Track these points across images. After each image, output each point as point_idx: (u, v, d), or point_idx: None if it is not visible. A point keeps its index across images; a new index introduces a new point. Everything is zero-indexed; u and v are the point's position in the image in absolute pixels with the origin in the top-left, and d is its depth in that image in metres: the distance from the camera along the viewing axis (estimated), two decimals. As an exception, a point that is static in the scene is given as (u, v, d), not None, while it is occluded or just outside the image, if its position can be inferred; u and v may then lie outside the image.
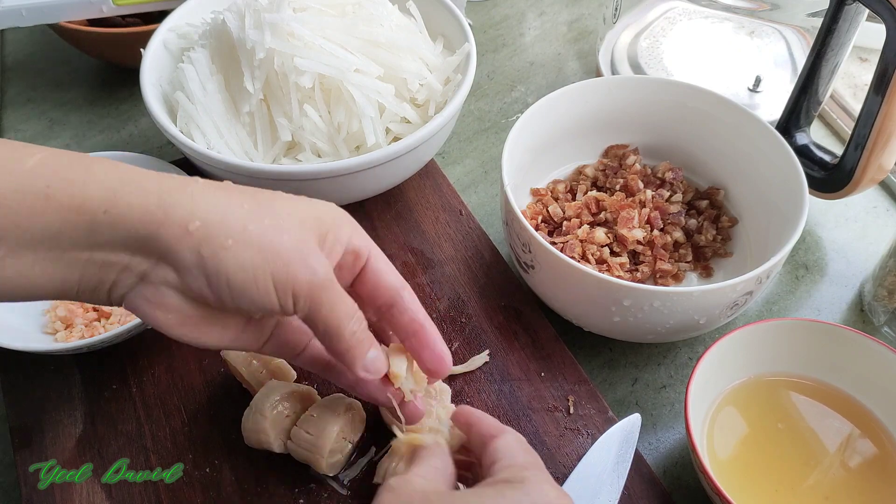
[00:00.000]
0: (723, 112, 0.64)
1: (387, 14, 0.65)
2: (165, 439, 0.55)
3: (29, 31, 0.89)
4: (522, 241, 0.56)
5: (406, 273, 0.64)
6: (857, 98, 0.78)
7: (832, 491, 0.50)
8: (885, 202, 0.72)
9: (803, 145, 0.67)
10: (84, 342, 0.54)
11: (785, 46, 0.76)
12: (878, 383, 0.53)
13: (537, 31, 0.90)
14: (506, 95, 0.83)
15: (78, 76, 0.85)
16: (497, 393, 0.56)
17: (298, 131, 0.62)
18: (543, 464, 0.44)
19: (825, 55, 0.62)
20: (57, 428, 0.55)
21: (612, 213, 0.63)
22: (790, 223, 0.56)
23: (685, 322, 0.54)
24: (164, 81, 0.66)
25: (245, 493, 0.52)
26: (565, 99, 0.64)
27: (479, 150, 0.77)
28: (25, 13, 0.73)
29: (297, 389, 0.53)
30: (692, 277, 0.63)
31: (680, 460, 0.56)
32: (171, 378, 0.58)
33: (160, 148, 0.77)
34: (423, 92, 0.64)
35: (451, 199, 0.69)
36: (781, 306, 0.65)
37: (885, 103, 0.57)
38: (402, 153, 0.59)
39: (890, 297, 0.61)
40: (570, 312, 0.59)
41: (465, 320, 0.61)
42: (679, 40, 0.80)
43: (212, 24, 0.65)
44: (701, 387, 0.51)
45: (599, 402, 0.56)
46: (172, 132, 0.60)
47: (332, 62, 0.60)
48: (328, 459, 0.50)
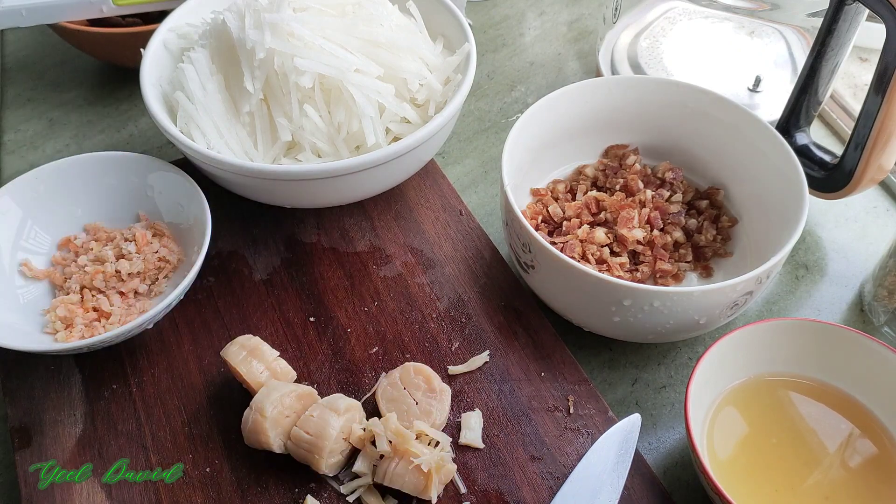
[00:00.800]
0: (723, 112, 0.64)
1: (387, 14, 0.65)
2: (165, 439, 0.55)
3: (29, 31, 0.89)
4: (522, 241, 0.56)
5: (406, 273, 0.64)
6: (857, 98, 0.78)
7: (832, 491, 0.50)
8: (885, 202, 0.72)
9: (803, 145, 0.67)
10: (84, 342, 0.54)
11: (785, 46, 0.76)
12: (878, 383, 0.53)
13: (537, 31, 0.90)
14: (506, 95, 0.83)
15: (78, 76, 0.85)
16: (497, 393, 0.56)
17: (298, 131, 0.62)
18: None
19: (825, 55, 0.62)
20: (57, 428, 0.55)
21: (612, 213, 0.63)
22: (790, 223, 0.56)
23: (685, 322, 0.54)
24: (164, 81, 0.66)
25: (245, 493, 0.52)
26: (565, 99, 0.64)
27: (479, 150, 0.77)
28: (25, 13, 0.73)
29: (297, 389, 0.53)
30: (692, 277, 0.63)
31: (680, 460, 0.56)
32: (171, 378, 0.58)
33: (160, 148, 0.77)
34: (423, 92, 0.64)
35: (451, 199, 0.69)
36: (781, 306, 0.65)
37: (885, 103, 0.57)
38: (402, 153, 0.59)
39: (890, 297, 0.61)
40: (570, 312, 0.59)
41: (465, 320, 0.61)
42: (679, 40, 0.80)
43: (212, 24, 0.65)
44: (701, 387, 0.51)
45: (599, 402, 0.56)
46: (172, 132, 0.60)
47: (332, 62, 0.60)
48: (328, 459, 0.50)
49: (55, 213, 0.64)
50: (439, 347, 0.59)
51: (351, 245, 0.66)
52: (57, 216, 0.64)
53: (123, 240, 0.63)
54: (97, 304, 0.59)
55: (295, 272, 0.64)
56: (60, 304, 0.59)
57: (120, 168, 0.64)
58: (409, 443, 0.50)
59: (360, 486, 0.51)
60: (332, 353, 0.59)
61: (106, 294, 0.60)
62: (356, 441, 0.52)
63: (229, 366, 0.55)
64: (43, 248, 0.63)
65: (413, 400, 0.54)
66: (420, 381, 0.55)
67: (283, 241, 0.66)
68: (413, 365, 0.56)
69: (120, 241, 0.63)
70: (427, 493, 0.50)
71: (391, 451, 0.50)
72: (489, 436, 0.54)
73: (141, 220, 0.65)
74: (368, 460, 0.52)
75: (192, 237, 0.62)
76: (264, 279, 0.64)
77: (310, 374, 0.58)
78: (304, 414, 0.51)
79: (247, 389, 0.55)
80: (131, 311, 0.60)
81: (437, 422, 0.53)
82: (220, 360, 0.57)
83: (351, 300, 0.62)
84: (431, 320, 0.61)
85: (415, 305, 0.62)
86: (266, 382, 0.54)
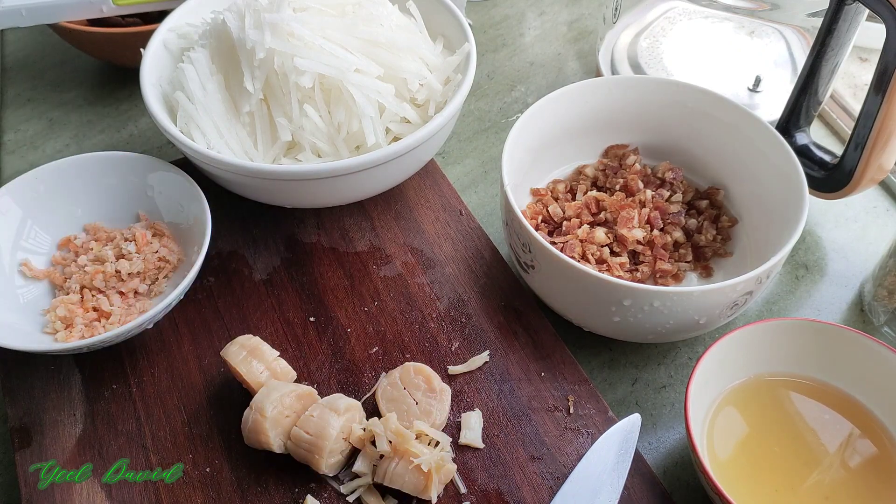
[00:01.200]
0: (723, 112, 0.64)
1: (387, 14, 0.65)
2: (165, 439, 0.55)
3: (29, 31, 0.89)
4: (522, 241, 0.56)
5: (406, 273, 0.64)
6: (857, 98, 0.78)
7: (832, 491, 0.50)
8: (885, 202, 0.72)
9: (803, 145, 0.67)
10: (84, 342, 0.54)
11: (785, 46, 0.76)
12: (878, 383, 0.53)
13: (537, 31, 0.90)
14: (506, 95, 0.83)
15: (78, 76, 0.85)
16: (497, 393, 0.56)
17: (298, 131, 0.62)
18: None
19: (825, 55, 0.62)
20: (57, 428, 0.55)
21: (612, 213, 0.63)
22: (790, 223, 0.56)
23: (685, 322, 0.54)
24: (164, 81, 0.66)
25: (245, 493, 0.52)
26: (565, 99, 0.64)
27: (479, 150, 0.77)
28: (25, 13, 0.73)
29: (297, 389, 0.53)
30: (692, 277, 0.63)
31: (680, 460, 0.56)
32: (171, 378, 0.58)
33: (160, 148, 0.77)
34: (423, 92, 0.64)
35: (451, 199, 0.69)
36: (781, 306, 0.65)
37: (885, 103, 0.57)
38: (402, 153, 0.59)
39: (890, 297, 0.61)
40: (570, 312, 0.59)
41: (465, 320, 0.61)
42: (679, 40, 0.80)
43: (212, 24, 0.65)
44: (701, 387, 0.51)
45: (599, 402, 0.56)
46: (172, 132, 0.60)
47: (332, 62, 0.60)
48: (328, 459, 0.50)
49: (55, 213, 0.64)
50: (439, 347, 0.59)
51: (351, 245, 0.66)
52: (57, 216, 0.64)
53: (123, 240, 0.63)
54: (97, 304, 0.59)
55: (295, 272, 0.64)
56: (60, 304, 0.59)
57: (120, 168, 0.64)
58: (409, 443, 0.50)
59: (360, 486, 0.51)
60: (332, 353, 0.59)
61: (106, 294, 0.60)
62: (356, 441, 0.52)
63: (229, 366, 0.55)
64: (43, 248, 0.63)
65: (413, 400, 0.54)
66: (420, 381, 0.55)
67: (283, 241, 0.66)
68: (413, 365, 0.56)
69: (120, 241, 0.63)
70: (427, 493, 0.50)
71: (391, 451, 0.50)
72: (489, 436, 0.54)
73: (141, 220, 0.65)
74: (368, 460, 0.52)
75: (192, 237, 0.62)
76: (264, 279, 0.64)
77: (310, 374, 0.58)
78: (304, 414, 0.51)
79: (247, 389, 0.55)
80: (131, 311, 0.60)
81: (437, 422, 0.53)
82: (220, 360, 0.57)
83: (351, 300, 0.62)
84: (431, 320, 0.61)
85: (415, 305, 0.62)
86: (266, 382, 0.54)
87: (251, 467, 0.53)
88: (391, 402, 0.54)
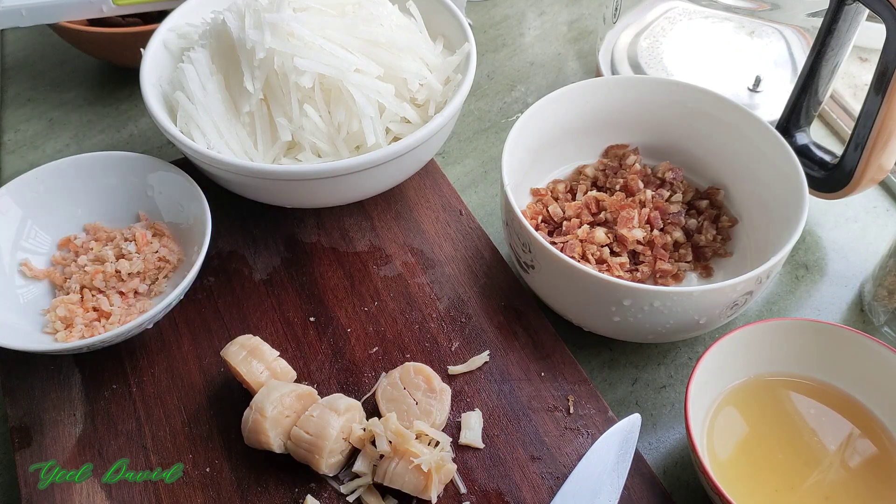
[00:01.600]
0: (723, 112, 0.64)
1: (387, 14, 0.65)
2: (165, 439, 0.55)
3: (29, 31, 0.89)
4: (522, 241, 0.56)
5: (406, 273, 0.64)
6: (857, 98, 0.78)
7: (832, 491, 0.50)
8: (885, 202, 0.72)
9: (803, 145, 0.67)
10: (84, 342, 0.54)
11: (785, 46, 0.76)
12: (878, 383, 0.53)
13: (537, 31, 0.90)
14: (506, 95, 0.83)
15: (78, 76, 0.85)
16: (497, 393, 0.56)
17: (298, 131, 0.62)
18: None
19: (825, 55, 0.62)
20: (57, 428, 0.55)
21: (612, 213, 0.63)
22: (790, 223, 0.56)
23: (685, 322, 0.54)
24: (164, 81, 0.66)
25: (245, 493, 0.52)
26: (565, 99, 0.64)
27: (479, 150, 0.77)
28: (25, 13, 0.73)
29: (297, 389, 0.53)
30: (692, 277, 0.63)
31: (680, 460, 0.56)
32: (171, 378, 0.58)
33: (160, 148, 0.77)
34: (423, 92, 0.64)
35: (451, 199, 0.69)
36: (781, 306, 0.65)
37: (885, 103, 0.57)
38: (402, 153, 0.59)
39: (890, 297, 0.61)
40: (570, 312, 0.59)
41: (465, 320, 0.61)
42: (679, 40, 0.80)
43: (212, 24, 0.65)
44: (701, 387, 0.51)
45: (599, 402, 0.56)
46: (172, 132, 0.60)
47: (332, 62, 0.60)
48: (328, 459, 0.50)
49: (55, 213, 0.64)
50: (439, 347, 0.59)
51: (351, 245, 0.66)
52: (57, 216, 0.64)
53: (123, 240, 0.63)
54: (97, 304, 0.59)
55: (295, 272, 0.64)
56: (60, 303, 0.59)
57: (120, 168, 0.64)
58: (409, 443, 0.50)
59: (360, 486, 0.51)
60: (332, 353, 0.59)
61: (106, 294, 0.60)
62: (356, 441, 0.52)
63: (229, 366, 0.55)
64: (43, 248, 0.63)
65: (413, 400, 0.54)
66: (420, 381, 0.55)
67: (283, 241, 0.66)
68: (413, 365, 0.56)
69: (120, 240, 0.63)
70: (427, 493, 0.50)
71: (391, 451, 0.50)
72: (489, 436, 0.54)
73: (141, 219, 0.65)
74: (368, 460, 0.52)
75: (192, 237, 0.62)
76: (264, 279, 0.64)
77: (310, 374, 0.58)
78: (304, 414, 0.51)
79: (247, 389, 0.55)
80: (131, 311, 0.60)
81: (437, 422, 0.53)
82: (220, 360, 0.57)
83: (351, 300, 0.62)
84: (431, 320, 0.61)
85: (415, 305, 0.62)
86: (266, 382, 0.54)
87: (251, 467, 0.53)
88: (391, 402, 0.54)
